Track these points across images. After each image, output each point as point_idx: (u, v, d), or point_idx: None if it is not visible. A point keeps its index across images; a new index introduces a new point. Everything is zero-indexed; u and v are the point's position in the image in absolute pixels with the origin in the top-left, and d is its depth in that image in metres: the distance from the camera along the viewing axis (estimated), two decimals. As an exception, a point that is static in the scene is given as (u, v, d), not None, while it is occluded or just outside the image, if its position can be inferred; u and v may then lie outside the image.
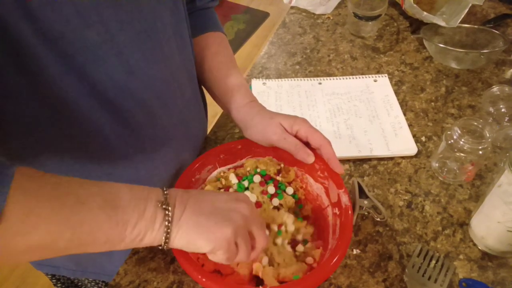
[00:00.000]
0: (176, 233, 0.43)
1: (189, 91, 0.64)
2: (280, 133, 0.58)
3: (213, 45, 0.69)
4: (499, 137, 0.72)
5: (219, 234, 0.44)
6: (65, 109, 0.46)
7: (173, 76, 0.58)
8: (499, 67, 0.89)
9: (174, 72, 0.58)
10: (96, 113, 0.49)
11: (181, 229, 0.43)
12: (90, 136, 0.51)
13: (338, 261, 0.48)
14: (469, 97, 0.83)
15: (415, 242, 0.61)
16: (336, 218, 0.56)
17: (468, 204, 0.65)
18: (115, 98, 0.50)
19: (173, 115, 0.60)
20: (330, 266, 0.48)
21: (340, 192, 0.56)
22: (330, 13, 1.08)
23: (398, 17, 1.05)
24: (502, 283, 0.56)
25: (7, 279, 1.55)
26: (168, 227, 0.43)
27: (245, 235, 0.46)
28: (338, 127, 0.78)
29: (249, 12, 2.86)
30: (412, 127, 0.77)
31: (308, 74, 0.91)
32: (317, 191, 0.62)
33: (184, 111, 0.63)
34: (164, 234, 0.43)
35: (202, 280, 0.47)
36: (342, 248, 0.50)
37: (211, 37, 0.70)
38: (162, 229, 0.43)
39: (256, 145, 0.62)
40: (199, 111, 0.71)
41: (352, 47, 0.97)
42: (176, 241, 0.44)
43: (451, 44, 0.90)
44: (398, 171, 0.70)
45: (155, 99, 0.55)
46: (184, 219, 0.44)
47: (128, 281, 0.58)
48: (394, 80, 0.88)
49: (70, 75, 0.44)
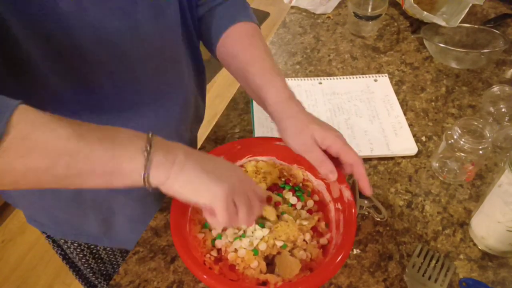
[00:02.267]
0: (178, 177, 0.44)
1: (171, 72, 0.64)
2: (309, 146, 0.56)
3: (246, 38, 0.66)
4: (500, 137, 0.72)
5: (219, 187, 0.44)
6: (27, 71, 0.48)
7: (152, 56, 0.58)
8: (499, 67, 0.89)
9: (151, 53, 0.58)
10: (60, 78, 0.50)
11: (184, 173, 0.44)
12: (52, 101, 0.52)
13: (344, 257, 0.49)
14: (469, 97, 0.83)
15: (415, 242, 0.61)
16: (339, 213, 0.56)
17: (468, 204, 0.65)
18: (81, 66, 0.51)
19: (145, 93, 0.60)
20: (336, 263, 0.48)
21: (342, 187, 0.56)
22: (331, 13, 1.08)
23: (399, 17, 1.05)
24: (502, 283, 0.56)
25: (8, 279, 1.55)
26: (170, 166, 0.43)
27: (244, 196, 0.47)
28: (339, 127, 0.78)
29: (249, 12, 2.85)
30: (413, 127, 0.77)
31: (308, 74, 0.91)
32: (318, 187, 0.62)
33: (162, 91, 0.63)
34: (167, 173, 0.43)
35: (203, 277, 0.47)
36: (348, 244, 0.50)
37: (243, 28, 0.67)
38: (164, 167, 0.43)
39: (255, 145, 0.62)
40: (185, 92, 0.70)
41: (353, 47, 0.97)
42: (177, 186, 0.44)
43: (452, 44, 0.90)
44: (398, 171, 0.70)
45: (125, 73, 0.55)
46: (188, 165, 0.44)
47: (128, 281, 0.58)
48: (395, 80, 0.88)
49: (34, 36, 0.45)
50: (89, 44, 0.50)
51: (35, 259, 1.59)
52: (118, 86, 0.57)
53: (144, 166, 0.42)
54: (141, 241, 0.62)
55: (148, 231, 0.63)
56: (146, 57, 0.57)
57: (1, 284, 1.53)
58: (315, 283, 0.48)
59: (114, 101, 0.58)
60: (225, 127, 0.80)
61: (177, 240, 0.51)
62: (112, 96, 0.57)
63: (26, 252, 1.61)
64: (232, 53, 0.65)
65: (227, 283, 0.49)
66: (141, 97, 0.61)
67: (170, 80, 0.64)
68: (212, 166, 0.46)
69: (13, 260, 1.60)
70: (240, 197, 0.47)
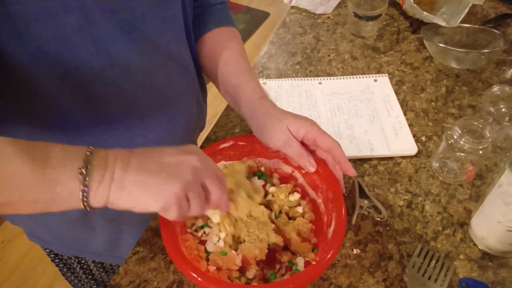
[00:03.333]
0: (120, 193, 0.41)
1: (178, 84, 0.64)
2: (286, 140, 0.56)
3: (224, 41, 0.68)
4: (500, 137, 0.72)
5: (168, 191, 0.42)
6: (33, 92, 0.46)
7: (159, 68, 0.57)
8: (499, 67, 0.89)
9: (159, 65, 0.57)
10: (68, 99, 0.49)
11: (126, 189, 0.41)
12: (61, 121, 0.51)
13: (333, 255, 0.49)
14: (469, 97, 0.83)
15: (415, 242, 0.61)
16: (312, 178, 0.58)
17: (469, 204, 0.65)
18: (90, 85, 0.49)
19: (154, 106, 0.60)
20: (326, 260, 0.48)
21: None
22: (330, 13, 1.08)
23: (399, 17, 1.05)
24: (502, 283, 0.56)
25: (8, 279, 1.55)
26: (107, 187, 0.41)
27: (196, 189, 0.44)
28: (339, 127, 0.78)
29: (249, 12, 2.86)
30: (413, 127, 0.77)
31: (308, 74, 0.91)
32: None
33: (169, 104, 0.62)
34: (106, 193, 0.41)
35: (198, 280, 0.47)
36: (338, 240, 0.50)
37: (223, 32, 0.69)
38: (103, 187, 0.41)
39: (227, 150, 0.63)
40: (191, 104, 0.70)
41: (353, 47, 0.97)
42: (122, 202, 0.42)
43: (452, 44, 0.90)
44: (398, 171, 0.70)
45: (134, 88, 0.54)
46: (128, 178, 0.41)
47: (128, 281, 0.58)
48: (395, 80, 0.88)
49: (40, 58, 0.43)
50: (98, 61, 0.48)
51: (35, 260, 1.59)
52: (127, 102, 0.55)
53: (82, 191, 0.40)
54: (141, 241, 0.62)
55: (148, 231, 0.63)
56: (154, 69, 0.56)
57: (1, 285, 1.53)
58: (303, 282, 0.48)
59: (122, 117, 0.57)
60: (225, 127, 0.79)
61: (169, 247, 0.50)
62: (120, 112, 0.56)
63: (26, 252, 1.61)
64: (208, 55, 0.67)
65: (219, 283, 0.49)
66: (148, 111, 0.60)
67: (178, 89, 0.64)
68: (157, 166, 0.43)
69: (13, 261, 1.60)
70: (193, 191, 0.44)
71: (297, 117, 0.58)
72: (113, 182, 0.41)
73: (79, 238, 0.71)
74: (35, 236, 0.74)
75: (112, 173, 0.41)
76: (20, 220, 0.72)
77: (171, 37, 0.58)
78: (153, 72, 0.56)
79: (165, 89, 0.60)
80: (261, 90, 0.63)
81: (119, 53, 0.50)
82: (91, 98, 0.51)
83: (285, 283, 0.48)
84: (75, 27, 0.44)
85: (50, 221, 0.68)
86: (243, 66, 0.65)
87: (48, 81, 0.46)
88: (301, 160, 0.57)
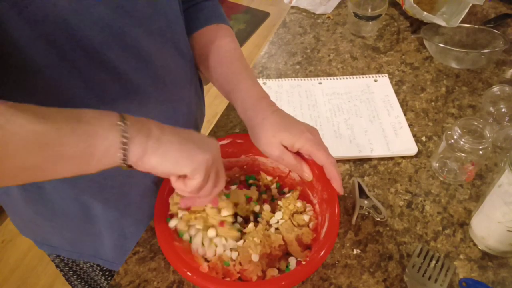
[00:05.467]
0: (157, 149, 0.42)
1: (177, 70, 0.63)
2: (279, 154, 0.56)
3: (218, 38, 0.66)
4: (500, 137, 0.72)
5: (201, 156, 0.44)
6: (32, 76, 0.46)
7: (156, 51, 0.56)
8: (499, 67, 0.89)
9: (156, 49, 0.56)
10: (67, 81, 0.48)
11: (162, 146, 0.42)
12: (59, 105, 0.51)
13: (326, 253, 0.49)
14: (469, 97, 0.83)
15: (415, 242, 0.61)
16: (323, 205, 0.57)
17: (469, 204, 0.65)
18: (88, 67, 0.49)
19: (153, 93, 0.59)
20: (319, 258, 0.49)
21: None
22: (330, 13, 1.08)
23: (399, 17, 1.05)
24: (502, 283, 0.56)
25: (8, 279, 1.55)
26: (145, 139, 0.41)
27: (218, 168, 0.47)
28: (339, 127, 0.78)
29: (249, 12, 2.86)
30: (413, 127, 0.77)
31: (308, 74, 0.91)
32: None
33: (169, 90, 0.62)
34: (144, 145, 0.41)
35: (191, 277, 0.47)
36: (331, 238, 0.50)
37: (215, 30, 0.67)
38: (141, 140, 0.41)
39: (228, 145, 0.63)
40: (188, 95, 0.68)
41: (353, 47, 0.97)
42: (155, 158, 0.42)
43: (452, 44, 0.90)
44: (398, 171, 0.70)
45: (132, 72, 0.54)
46: (165, 137, 0.43)
47: (128, 281, 0.58)
48: (395, 80, 0.88)
49: (38, 41, 0.43)
50: (95, 43, 0.48)
51: (35, 260, 1.59)
52: (126, 87, 0.55)
53: (121, 142, 0.40)
54: (141, 241, 0.62)
55: (148, 231, 0.63)
56: (153, 53, 0.56)
57: (1, 285, 1.53)
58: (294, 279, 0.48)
59: (122, 102, 0.56)
60: (225, 127, 0.80)
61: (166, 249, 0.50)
62: (120, 97, 0.55)
63: (26, 252, 1.61)
64: (198, 56, 0.66)
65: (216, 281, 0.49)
66: (149, 98, 0.59)
67: (176, 75, 0.63)
68: (189, 137, 0.46)
69: (13, 261, 1.60)
70: (215, 169, 0.46)
71: (292, 130, 0.55)
72: (151, 138, 0.42)
73: (88, 240, 0.71)
74: (45, 243, 0.73)
75: (149, 130, 0.42)
76: (25, 227, 0.72)
77: (165, 23, 0.57)
78: (151, 55, 0.55)
79: (164, 74, 0.59)
80: (255, 90, 0.61)
81: (117, 35, 0.49)
82: (90, 82, 0.50)
83: (274, 281, 0.48)
84: (68, 9, 0.44)
85: (55, 222, 0.67)
86: (236, 64, 0.64)
87: (46, 65, 0.45)
88: (296, 171, 0.58)
